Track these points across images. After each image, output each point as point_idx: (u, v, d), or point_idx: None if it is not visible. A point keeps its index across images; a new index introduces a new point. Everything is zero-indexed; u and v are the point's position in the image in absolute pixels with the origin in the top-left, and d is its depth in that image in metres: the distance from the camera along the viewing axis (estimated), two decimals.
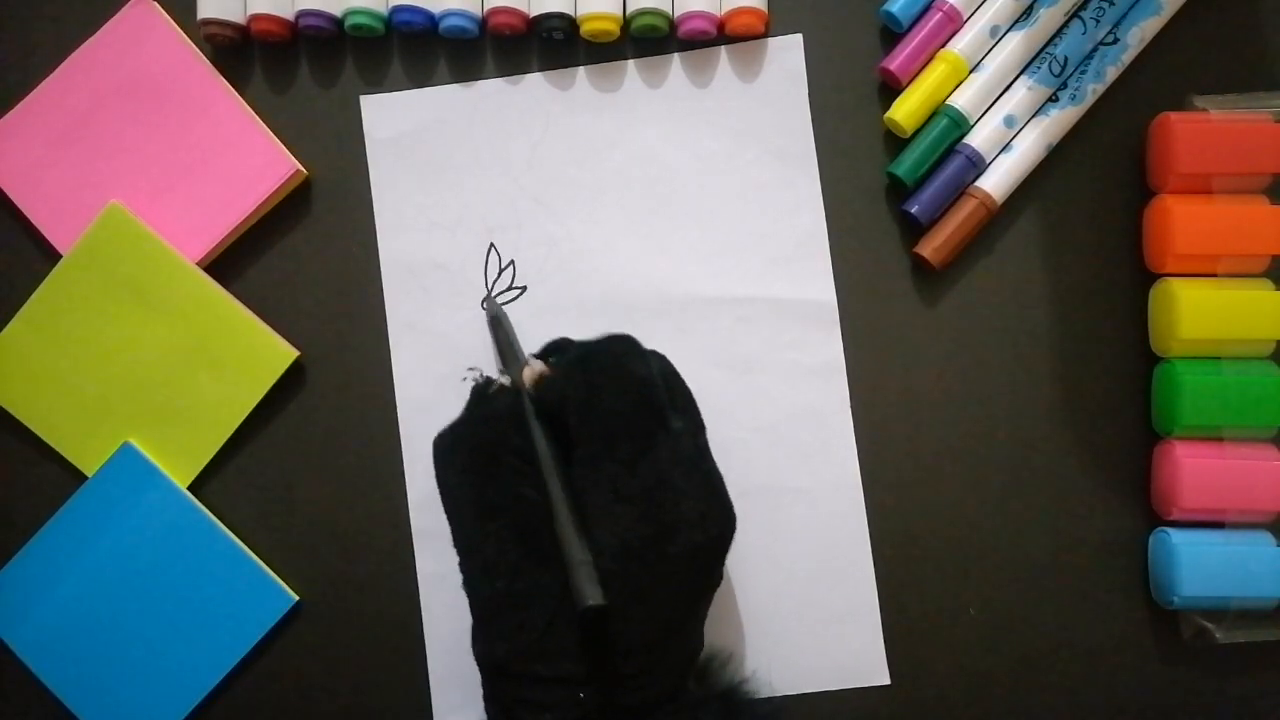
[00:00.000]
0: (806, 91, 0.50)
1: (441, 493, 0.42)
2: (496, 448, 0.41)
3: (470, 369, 0.49)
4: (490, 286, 0.50)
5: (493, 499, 0.40)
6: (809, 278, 0.49)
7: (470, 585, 0.41)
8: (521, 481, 0.40)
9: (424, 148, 0.50)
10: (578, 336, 0.44)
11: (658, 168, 0.50)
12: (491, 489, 0.41)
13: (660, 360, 0.43)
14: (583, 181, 0.50)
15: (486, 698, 0.41)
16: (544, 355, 0.44)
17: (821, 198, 0.49)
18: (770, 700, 0.47)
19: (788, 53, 0.50)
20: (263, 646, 0.49)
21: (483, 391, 0.43)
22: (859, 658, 0.48)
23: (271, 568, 0.49)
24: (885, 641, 0.48)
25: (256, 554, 0.49)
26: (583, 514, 0.40)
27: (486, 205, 0.50)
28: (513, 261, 0.50)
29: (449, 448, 0.42)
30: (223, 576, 0.49)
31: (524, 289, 0.50)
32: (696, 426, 0.42)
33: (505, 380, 0.44)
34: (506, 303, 0.50)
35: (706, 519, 0.39)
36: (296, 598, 0.49)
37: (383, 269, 0.50)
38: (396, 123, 0.50)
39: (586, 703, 0.39)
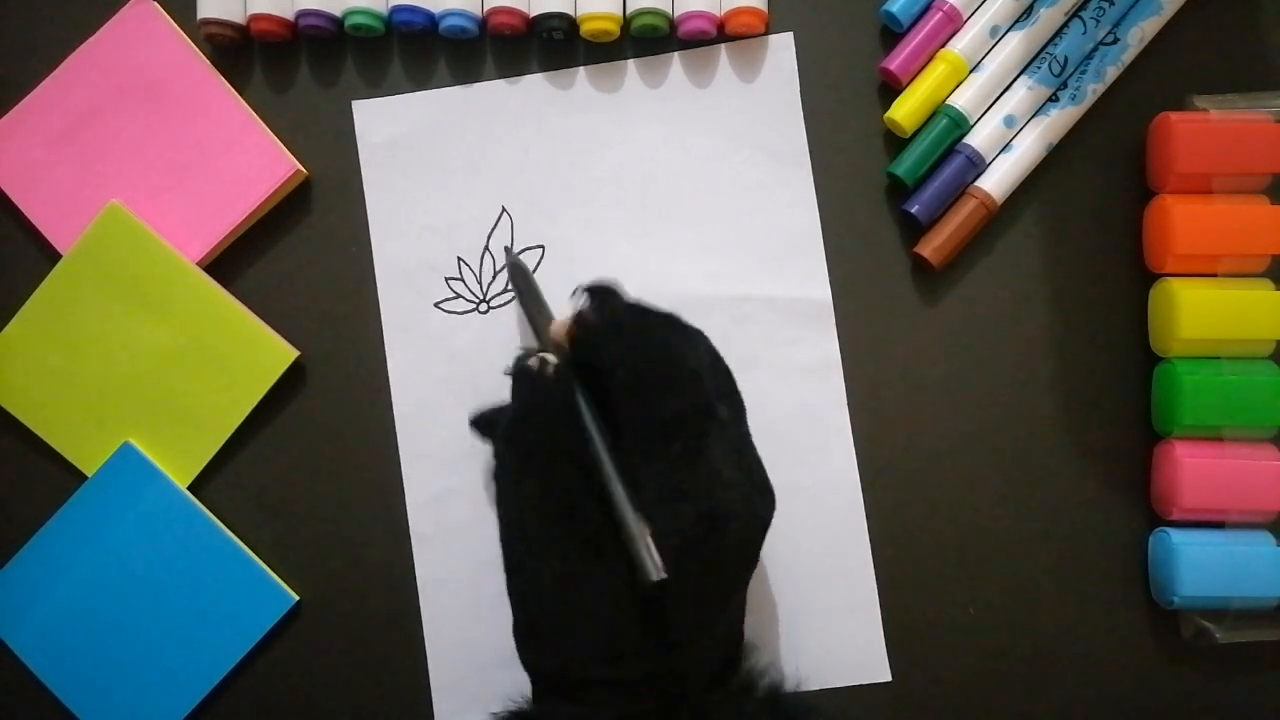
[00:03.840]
0: (799, 90, 0.50)
1: (499, 491, 0.41)
2: (561, 446, 0.40)
3: (520, 348, 0.47)
4: (500, 249, 0.49)
5: (556, 503, 0.39)
6: (805, 276, 0.49)
7: (519, 590, 0.40)
8: (587, 481, 0.39)
9: (417, 151, 0.50)
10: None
11: (653, 168, 0.50)
12: (555, 492, 0.39)
13: (704, 341, 0.42)
14: (577, 183, 0.50)
15: (536, 698, 0.41)
16: (591, 294, 0.42)
17: (815, 195, 0.49)
18: (804, 696, 0.47)
19: (780, 51, 0.50)
20: (263, 646, 0.49)
21: (530, 373, 0.41)
22: (860, 655, 0.48)
23: (271, 568, 0.49)
24: (886, 639, 0.48)
25: (256, 554, 0.49)
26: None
27: (480, 208, 0.50)
28: (508, 264, 0.50)
29: (513, 447, 0.41)
30: (223, 576, 0.49)
31: (519, 291, 0.50)
32: (739, 412, 0.41)
33: (552, 357, 0.41)
34: (503, 304, 0.50)
35: (754, 508, 0.39)
36: (296, 598, 0.49)
37: (377, 272, 0.50)
38: (389, 127, 0.50)
39: (649, 699, 0.38)
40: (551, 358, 0.41)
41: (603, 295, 0.42)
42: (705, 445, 0.38)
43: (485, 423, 0.45)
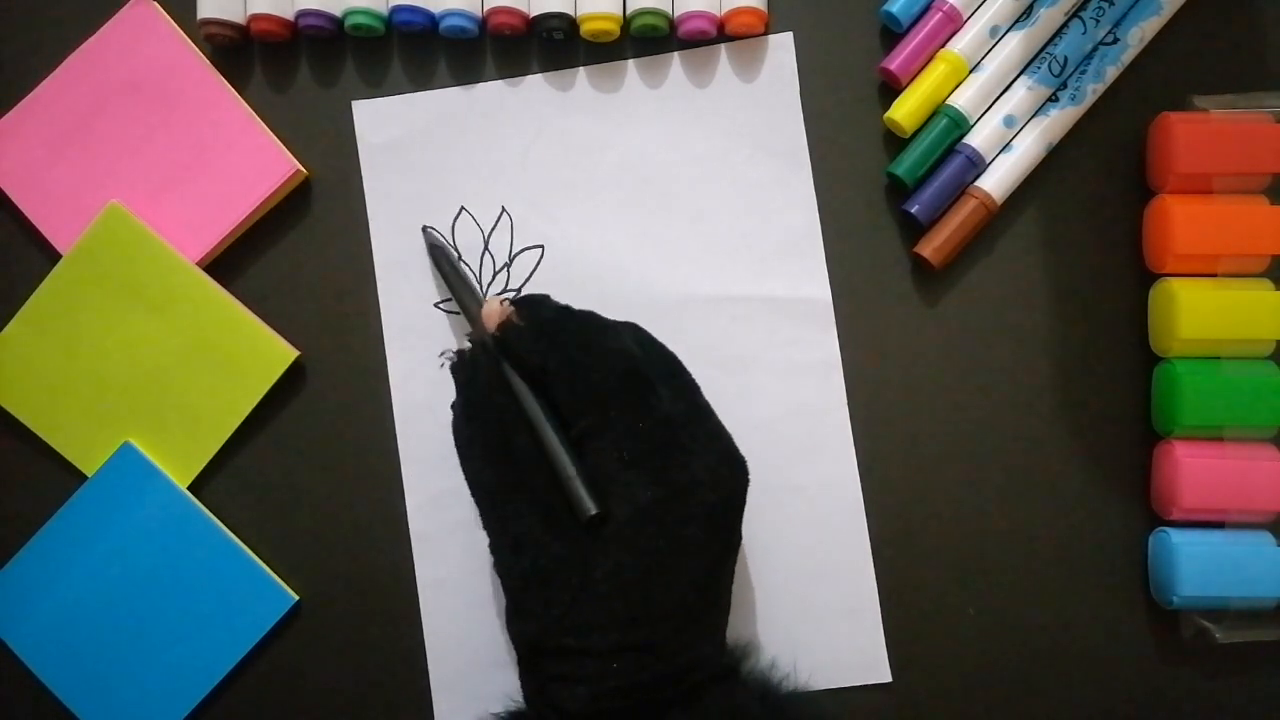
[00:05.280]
0: (798, 89, 0.50)
1: (468, 482, 0.42)
2: (505, 420, 0.41)
3: (441, 354, 0.49)
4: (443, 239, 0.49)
5: (511, 475, 0.40)
6: (804, 275, 0.49)
7: (502, 566, 0.41)
8: (536, 450, 0.40)
9: (417, 151, 0.50)
10: None
11: (653, 168, 0.50)
12: (509, 467, 0.40)
13: (634, 330, 0.43)
14: (577, 182, 0.50)
15: (522, 676, 0.41)
16: (516, 306, 0.43)
17: (815, 195, 0.49)
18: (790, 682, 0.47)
19: (780, 51, 0.50)
20: (263, 646, 0.49)
21: (465, 366, 0.43)
22: (860, 655, 0.48)
23: (271, 568, 0.49)
24: (886, 639, 0.48)
25: (256, 554, 0.49)
26: (593, 479, 0.39)
27: (479, 208, 0.50)
28: (507, 264, 0.50)
29: (465, 440, 0.42)
30: (223, 576, 0.49)
31: (517, 292, 0.50)
32: (687, 387, 0.42)
33: (468, 343, 0.44)
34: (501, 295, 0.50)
35: (717, 475, 0.39)
36: (296, 598, 0.49)
37: (377, 273, 0.50)
38: (389, 127, 0.50)
39: (622, 674, 0.38)
40: (468, 342, 0.43)
41: (529, 304, 0.43)
42: (650, 413, 0.39)
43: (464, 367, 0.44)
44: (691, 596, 0.39)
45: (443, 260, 0.48)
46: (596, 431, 0.40)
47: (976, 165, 0.48)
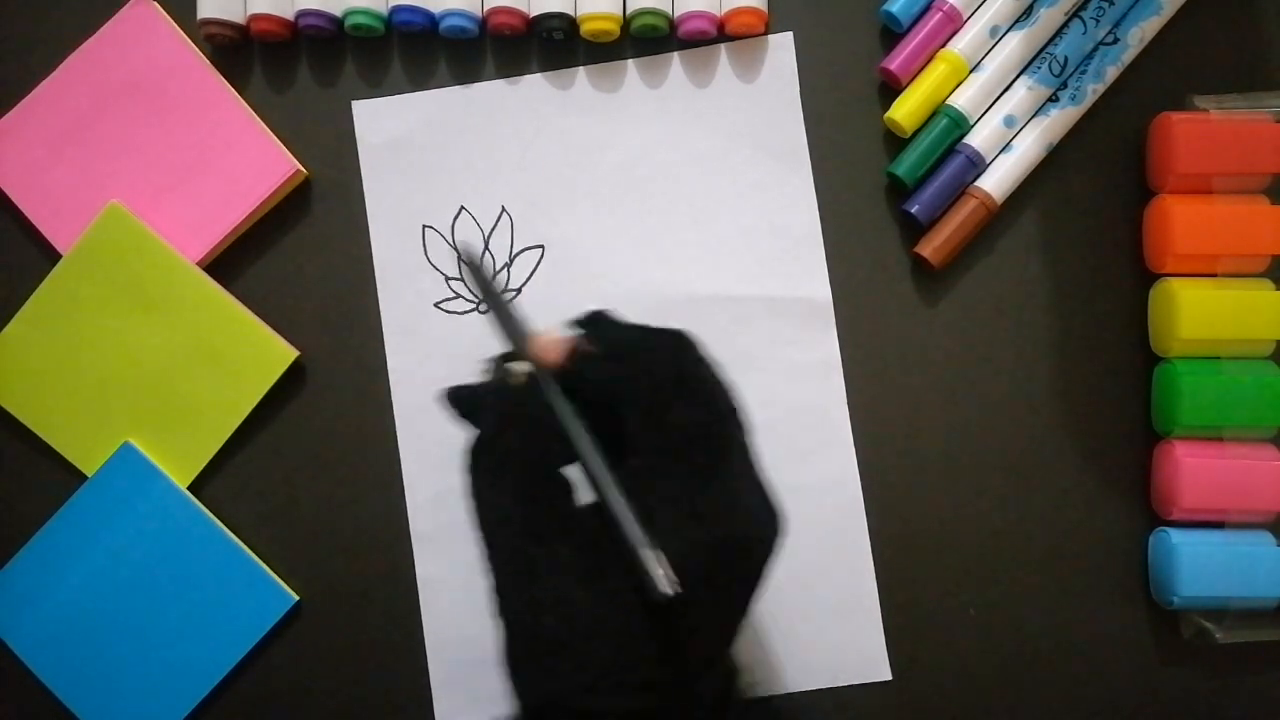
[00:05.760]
0: (798, 89, 0.50)
1: (480, 511, 0.37)
2: (546, 460, 0.36)
3: (488, 359, 0.41)
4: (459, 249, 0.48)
5: (546, 523, 0.36)
6: (804, 275, 0.49)
7: (511, 615, 0.36)
8: (577, 499, 0.36)
9: (417, 151, 0.50)
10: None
11: (653, 168, 0.50)
12: (544, 511, 0.36)
13: (709, 360, 0.39)
14: (577, 182, 0.50)
15: None
16: (584, 325, 0.39)
17: (815, 195, 0.49)
18: (774, 699, 0.47)
19: (780, 51, 0.50)
20: (263, 646, 0.49)
21: (508, 387, 0.38)
22: (860, 654, 0.48)
23: (271, 568, 0.49)
24: (886, 638, 0.48)
25: (256, 554, 0.49)
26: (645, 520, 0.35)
27: (479, 208, 0.50)
28: (507, 264, 0.50)
29: (494, 465, 0.37)
30: (223, 576, 0.49)
31: (518, 291, 0.50)
32: (744, 430, 0.38)
33: (525, 366, 0.38)
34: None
35: (769, 530, 0.37)
36: (296, 598, 0.49)
37: (377, 273, 0.50)
38: (389, 127, 0.50)
39: None
40: (524, 366, 0.38)
41: (597, 323, 0.39)
42: (721, 463, 0.36)
43: (463, 399, 0.40)
44: (725, 647, 0.37)
45: (481, 279, 0.41)
46: (659, 474, 0.36)
47: (976, 165, 0.48)
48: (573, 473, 0.37)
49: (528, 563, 0.36)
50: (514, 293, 0.50)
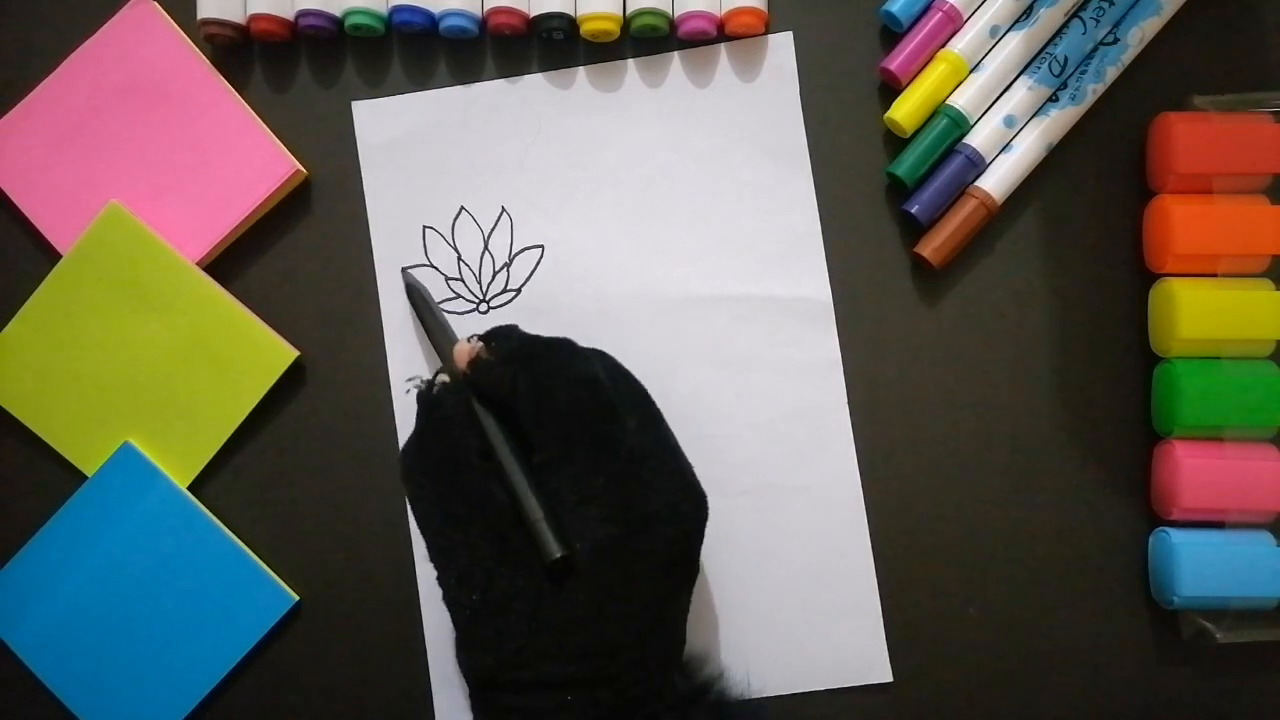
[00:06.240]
0: (798, 89, 0.50)
1: (412, 510, 0.42)
2: (457, 453, 0.41)
3: (409, 379, 0.49)
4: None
5: (460, 508, 0.40)
6: (804, 275, 0.49)
7: (450, 599, 0.41)
8: (488, 482, 0.40)
9: (417, 151, 0.50)
10: (574, 338, 0.44)
11: (653, 168, 0.50)
12: (457, 497, 0.40)
13: (603, 358, 0.43)
14: (577, 182, 0.50)
15: (474, 711, 0.41)
16: (486, 340, 0.43)
17: (815, 195, 0.49)
18: (758, 701, 0.47)
19: (780, 51, 0.50)
20: (263, 646, 0.49)
21: (429, 397, 0.43)
22: (861, 655, 0.48)
23: (271, 568, 0.49)
24: (887, 639, 0.48)
25: (256, 554, 0.49)
26: (554, 513, 0.39)
27: (479, 208, 0.50)
28: (507, 264, 0.50)
29: (412, 465, 0.42)
30: (223, 576, 0.49)
31: (517, 291, 0.50)
32: (652, 419, 0.42)
33: (444, 377, 0.43)
34: (504, 304, 0.50)
35: (677, 511, 0.40)
36: (296, 598, 0.49)
37: (377, 272, 0.50)
38: (389, 127, 0.50)
39: (577, 706, 0.38)
40: (443, 377, 0.43)
41: (497, 336, 0.43)
42: (613, 446, 0.39)
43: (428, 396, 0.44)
44: (647, 630, 0.39)
45: (419, 303, 0.48)
46: (559, 463, 0.40)
47: (976, 165, 0.48)
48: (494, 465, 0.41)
49: (451, 547, 0.40)
50: (514, 293, 0.50)
